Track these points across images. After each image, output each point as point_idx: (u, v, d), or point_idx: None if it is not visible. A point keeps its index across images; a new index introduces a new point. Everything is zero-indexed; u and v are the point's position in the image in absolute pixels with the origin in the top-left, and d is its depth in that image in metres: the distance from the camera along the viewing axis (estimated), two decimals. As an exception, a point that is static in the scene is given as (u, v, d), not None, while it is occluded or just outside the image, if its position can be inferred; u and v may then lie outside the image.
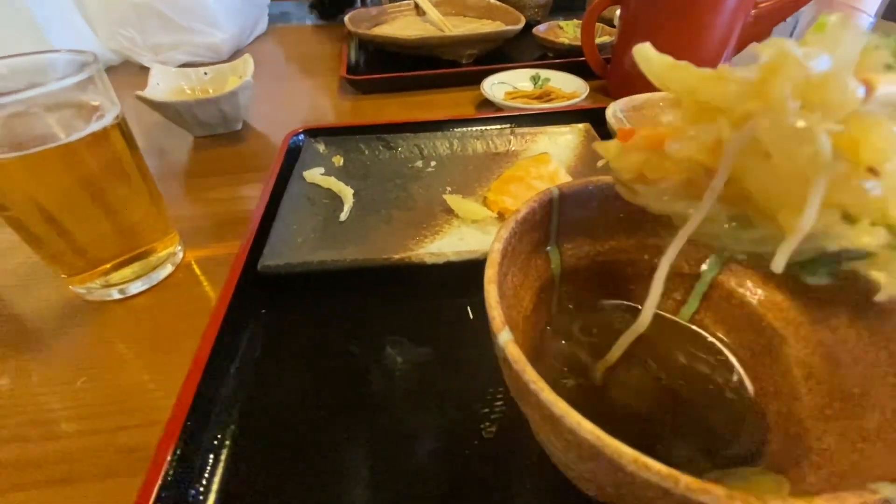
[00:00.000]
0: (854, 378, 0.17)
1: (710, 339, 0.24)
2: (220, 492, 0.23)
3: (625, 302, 0.25)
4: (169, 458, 0.22)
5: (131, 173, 0.34)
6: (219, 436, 0.25)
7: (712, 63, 0.60)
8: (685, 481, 0.11)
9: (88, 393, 0.29)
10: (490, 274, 0.18)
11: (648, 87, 0.56)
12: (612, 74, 0.68)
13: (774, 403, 0.20)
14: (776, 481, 0.16)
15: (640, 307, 0.24)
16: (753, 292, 0.22)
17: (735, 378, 0.22)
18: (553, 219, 0.23)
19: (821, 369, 0.19)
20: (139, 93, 0.52)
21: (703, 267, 0.24)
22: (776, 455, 0.18)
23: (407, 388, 0.28)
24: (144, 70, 0.59)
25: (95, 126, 0.30)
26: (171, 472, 0.22)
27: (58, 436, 0.27)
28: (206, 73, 0.62)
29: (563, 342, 0.24)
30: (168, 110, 0.54)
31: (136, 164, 0.34)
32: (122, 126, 0.33)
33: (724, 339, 0.23)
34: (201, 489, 0.23)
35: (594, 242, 0.25)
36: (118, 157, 0.32)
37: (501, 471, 0.23)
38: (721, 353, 0.23)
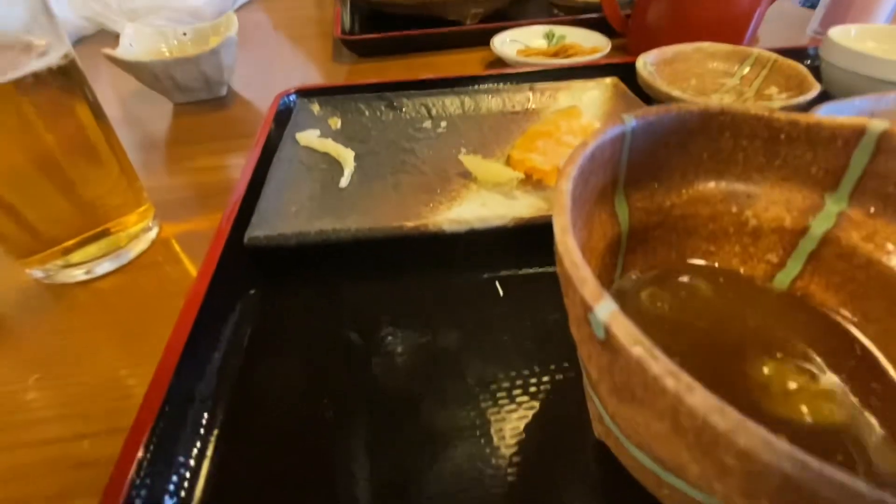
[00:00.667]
0: None
1: (822, 310, 0.18)
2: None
3: (703, 262, 0.20)
4: (132, 473, 0.17)
5: (92, 135, 0.28)
6: (196, 444, 0.20)
7: (746, 16, 0.55)
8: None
9: (42, 393, 0.24)
10: (562, 222, 0.13)
11: (671, 43, 0.50)
12: (632, 31, 0.62)
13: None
14: None
15: (721, 269, 0.19)
16: (881, 249, 0.17)
17: (863, 358, 0.17)
18: (623, 158, 0.18)
19: None
20: (107, 50, 0.46)
21: (812, 219, 0.19)
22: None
23: (424, 382, 0.23)
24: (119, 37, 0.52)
25: (37, 64, 0.24)
26: (134, 492, 0.17)
27: (3, 447, 0.22)
28: (185, 34, 0.56)
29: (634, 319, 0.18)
30: (142, 72, 0.48)
31: (97, 126, 0.29)
32: (73, 72, 0.27)
33: (842, 311, 0.18)
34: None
35: (669, 192, 0.19)
36: (70, 110, 0.27)
37: (546, 482, 0.19)
38: (838, 327, 0.18)
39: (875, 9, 0.62)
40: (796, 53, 0.49)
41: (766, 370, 0.16)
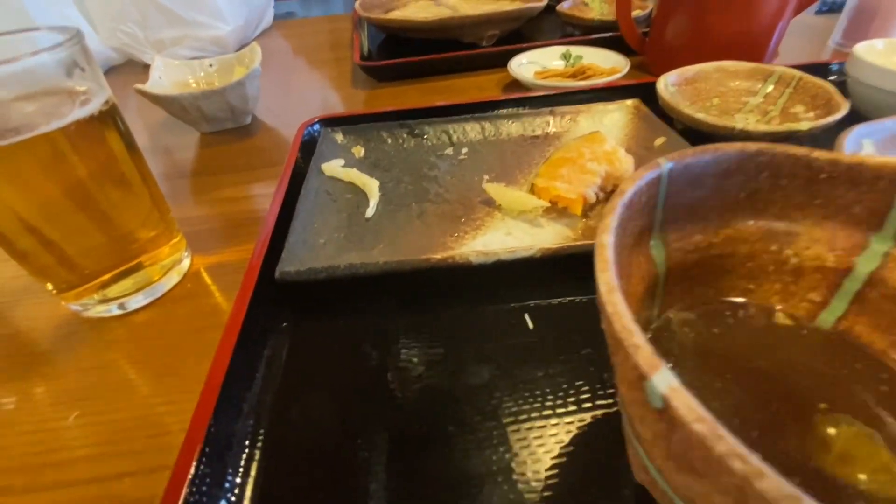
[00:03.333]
0: None
1: (869, 351, 0.18)
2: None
3: (743, 300, 0.20)
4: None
5: (126, 171, 0.29)
6: (238, 480, 0.20)
7: (767, 32, 0.54)
8: None
9: (83, 430, 0.24)
10: (607, 279, 0.13)
11: (691, 61, 0.50)
12: (650, 49, 0.62)
13: None
14: None
15: (762, 306, 0.19)
16: (936, 290, 0.17)
17: (917, 406, 0.16)
18: (659, 201, 0.18)
19: None
20: (139, 86, 0.47)
21: (856, 258, 0.18)
22: None
23: (453, 417, 0.22)
24: (148, 69, 0.54)
25: (80, 113, 0.25)
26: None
27: (45, 487, 0.22)
28: (211, 66, 0.58)
29: (676, 362, 0.18)
30: (171, 105, 0.49)
31: (132, 161, 0.30)
32: (112, 114, 0.28)
33: (892, 353, 0.18)
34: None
35: (706, 231, 0.19)
36: (109, 151, 0.28)
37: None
38: (889, 369, 0.17)
39: (898, 20, 0.61)
40: (819, 69, 0.48)
41: (825, 426, 0.16)
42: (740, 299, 0.20)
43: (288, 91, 0.68)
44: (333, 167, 0.39)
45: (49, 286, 0.30)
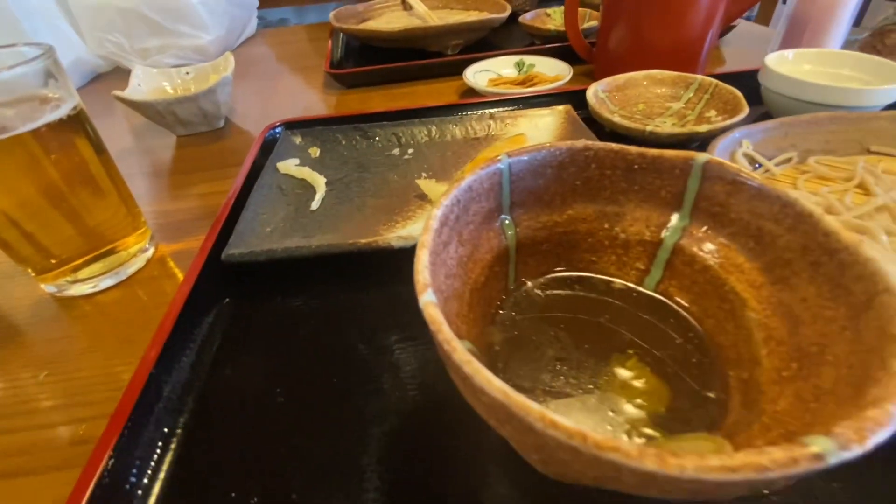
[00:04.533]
0: (812, 336, 0.16)
1: (675, 308, 0.22)
2: (165, 481, 0.22)
3: (585, 274, 0.24)
4: (111, 449, 0.21)
5: (94, 170, 0.34)
6: (166, 426, 0.24)
7: (698, 41, 0.59)
8: (593, 439, 0.10)
9: (51, 387, 0.29)
10: (423, 239, 0.17)
11: (634, 68, 0.55)
12: (597, 58, 0.66)
13: (735, 370, 0.19)
14: (718, 444, 0.15)
15: (602, 278, 0.23)
16: (715, 255, 0.21)
17: (698, 347, 0.21)
18: (504, 188, 0.22)
19: (780, 330, 0.17)
20: (117, 92, 0.52)
21: (665, 233, 0.23)
22: (733, 422, 0.17)
23: (374, 378, 0.26)
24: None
25: (50, 116, 0.29)
26: (110, 464, 0.21)
27: (17, 429, 0.27)
28: (188, 73, 0.62)
29: (523, 315, 0.23)
30: (147, 109, 0.54)
31: (99, 162, 0.34)
32: (81, 119, 0.32)
33: (689, 307, 0.22)
34: (144, 480, 0.22)
35: (551, 212, 0.24)
36: (77, 151, 0.32)
37: (465, 460, 0.22)
38: (685, 322, 0.22)
39: (827, 33, 0.65)
40: (748, 76, 0.53)
41: (619, 362, 0.20)
42: (580, 274, 0.24)
43: (264, 96, 0.73)
44: (288, 165, 0.44)
45: (29, 270, 0.34)
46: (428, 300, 0.14)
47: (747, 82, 0.49)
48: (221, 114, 0.59)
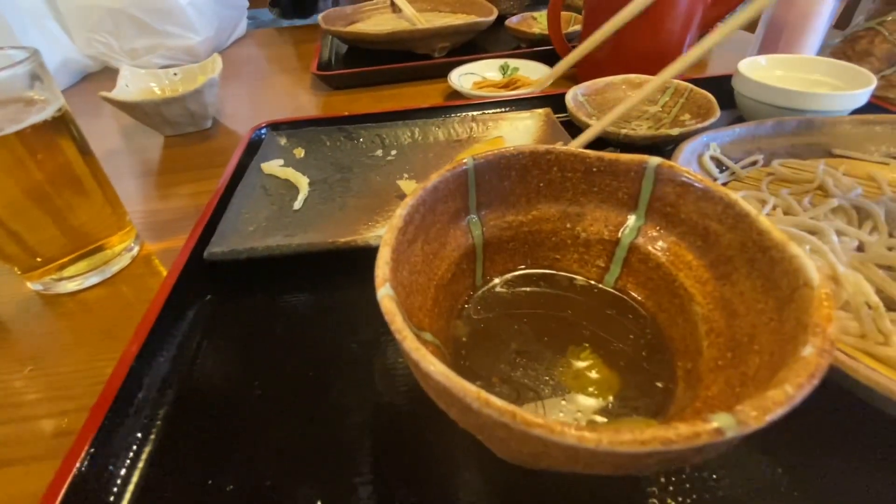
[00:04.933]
0: (745, 327, 0.17)
1: (632, 303, 0.24)
2: (144, 470, 0.23)
3: (550, 271, 0.25)
4: (90, 441, 0.22)
5: (79, 171, 0.34)
6: (146, 417, 0.25)
7: (677, 47, 0.60)
8: (521, 416, 0.11)
9: (35, 381, 0.30)
10: (387, 237, 0.18)
11: (615, 72, 0.56)
12: (579, 62, 0.68)
13: (682, 360, 0.20)
14: (647, 425, 0.16)
15: (565, 275, 0.24)
16: (667, 253, 0.22)
17: (651, 341, 0.22)
18: (470, 189, 0.23)
19: (720, 323, 0.19)
20: (103, 93, 0.52)
21: (622, 232, 0.24)
22: (677, 410, 0.18)
23: (350, 372, 0.27)
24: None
25: (35, 118, 0.30)
26: (91, 453, 0.22)
27: (1, 421, 0.27)
28: (175, 74, 0.63)
29: (489, 310, 0.24)
30: (134, 110, 0.54)
31: (84, 162, 0.35)
32: (65, 120, 0.33)
33: (645, 302, 0.23)
34: (123, 470, 0.23)
35: (517, 212, 0.25)
36: (62, 152, 0.33)
37: (436, 448, 0.23)
38: (641, 316, 0.23)
39: (804, 38, 0.67)
40: (725, 81, 0.54)
41: (574, 354, 0.21)
42: (545, 271, 0.26)
43: (251, 98, 0.74)
44: (272, 166, 0.44)
45: (15, 269, 0.35)
46: (385, 293, 0.15)
47: (725, 87, 0.51)
48: (209, 114, 0.59)
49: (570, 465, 0.13)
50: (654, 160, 0.22)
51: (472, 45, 0.81)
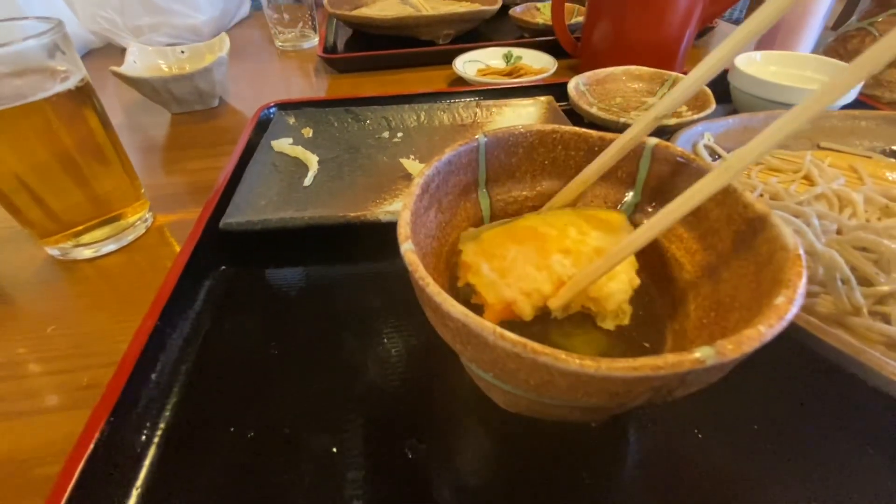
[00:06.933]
0: (728, 290, 0.19)
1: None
2: (170, 418, 0.25)
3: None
4: (120, 392, 0.24)
5: (101, 141, 0.36)
6: (170, 371, 0.27)
7: (677, 40, 0.62)
8: (531, 346, 0.13)
9: (56, 340, 0.31)
10: (406, 202, 0.20)
11: (615, 63, 0.57)
12: (582, 52, 0.69)
13: (671, 323, 0.22)
14: None
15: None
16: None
17: (643, 306, 0.24)
18: (480, 164, 0.25)
19: (706, 287, 0.21)
20: (114, 68, 0.53)
21: (620, 208, 0.26)
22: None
23: (359, 334, 0.29)
24: (125, 53, 0.60)
25: (60, 87, 0.31)
26: (120, 405, 0.24)
27: (25, 375, 0.29)
28: (182, 52, 0.63)
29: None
30: (143, 86, 0.55)
31: (105, 133, 0.36)
32: (88, 91, 0.34)
33: (639, 272, 0.25)
34: (149, 421, 0.24)
35: (523, 188, 0.27)
36: (86, 122, 0.34)
37: (439, 401, 0.25)
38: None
39: (799, 35, 0.69)
40: (721, 75, 0.56)
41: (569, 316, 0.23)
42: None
43: (256, 78, 0.74)
44: (282, 144, 0.46)
45: (34, 234, 0.36)
46: (408, 248, 0.17)
47: (721, 81, 0.53)
48: (216, 93, 0.60)
49: (571, 394, 0.14)
50: (652, 140, 0.24)
51: (476, 33, 0.82)
